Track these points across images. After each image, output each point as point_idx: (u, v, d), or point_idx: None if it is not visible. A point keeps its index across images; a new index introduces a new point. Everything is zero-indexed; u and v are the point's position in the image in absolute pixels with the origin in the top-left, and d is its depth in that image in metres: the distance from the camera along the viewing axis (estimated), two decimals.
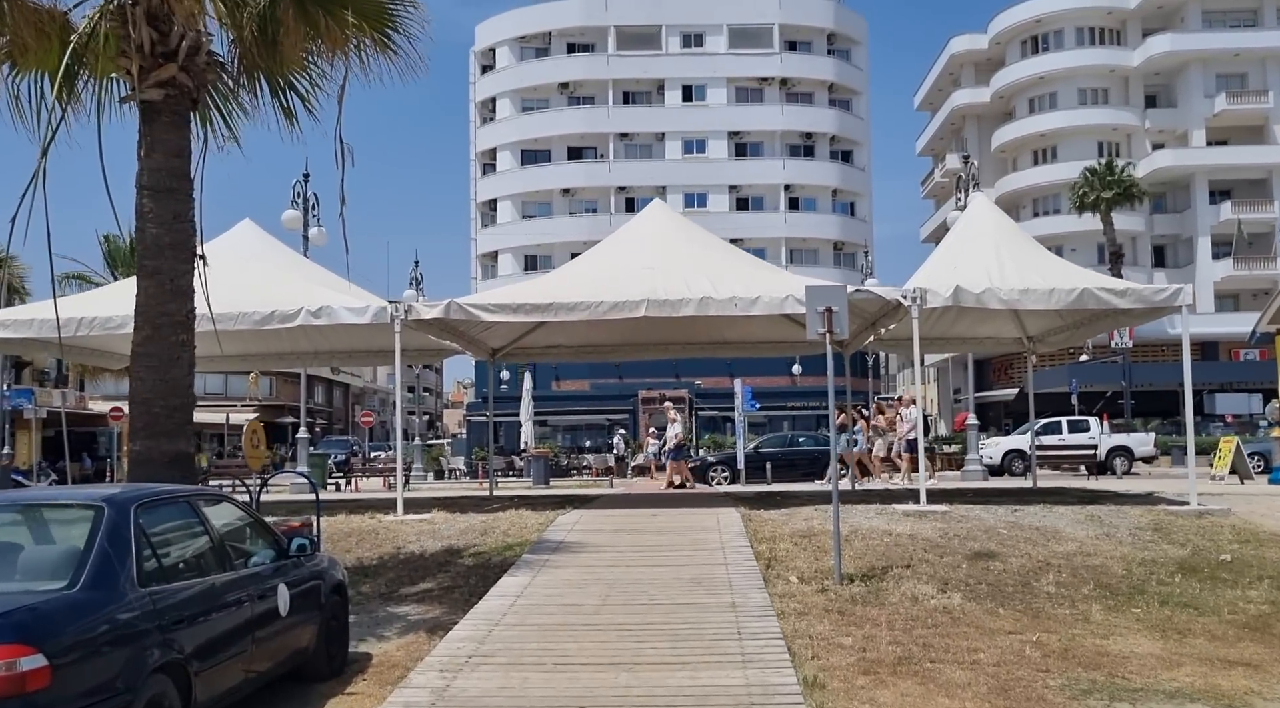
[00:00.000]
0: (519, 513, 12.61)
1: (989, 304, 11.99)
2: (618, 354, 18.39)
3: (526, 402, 33.80)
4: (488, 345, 17.20)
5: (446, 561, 10.48)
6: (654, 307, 12.17)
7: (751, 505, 13.75)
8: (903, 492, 16.16)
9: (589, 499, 15.80)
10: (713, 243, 14.76)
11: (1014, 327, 16.81)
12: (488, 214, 62.35)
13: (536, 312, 12.29)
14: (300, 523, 9.31)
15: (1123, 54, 58.15)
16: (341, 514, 13.13)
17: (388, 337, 16.64)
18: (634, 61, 59.16)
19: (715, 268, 13.23)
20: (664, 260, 13.34)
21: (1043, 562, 9.93)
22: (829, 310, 9.57)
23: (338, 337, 17.06)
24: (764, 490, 17.94)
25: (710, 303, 12.13)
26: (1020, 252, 13.40)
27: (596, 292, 12.45)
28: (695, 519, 11.39)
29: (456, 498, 17.22)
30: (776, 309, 12.09)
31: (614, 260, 13.84)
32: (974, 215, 14.29)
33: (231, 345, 17.15)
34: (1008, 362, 58.80)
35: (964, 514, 11.74)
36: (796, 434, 27.02)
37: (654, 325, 16.44)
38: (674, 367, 49.77)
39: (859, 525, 11.19)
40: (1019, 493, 15.50)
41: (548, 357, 18.15)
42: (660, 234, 14.20)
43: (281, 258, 14.59)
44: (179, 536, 5.07)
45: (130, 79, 8.06)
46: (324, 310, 12.51)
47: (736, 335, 17.61)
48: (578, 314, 12.25)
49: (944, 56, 65.76)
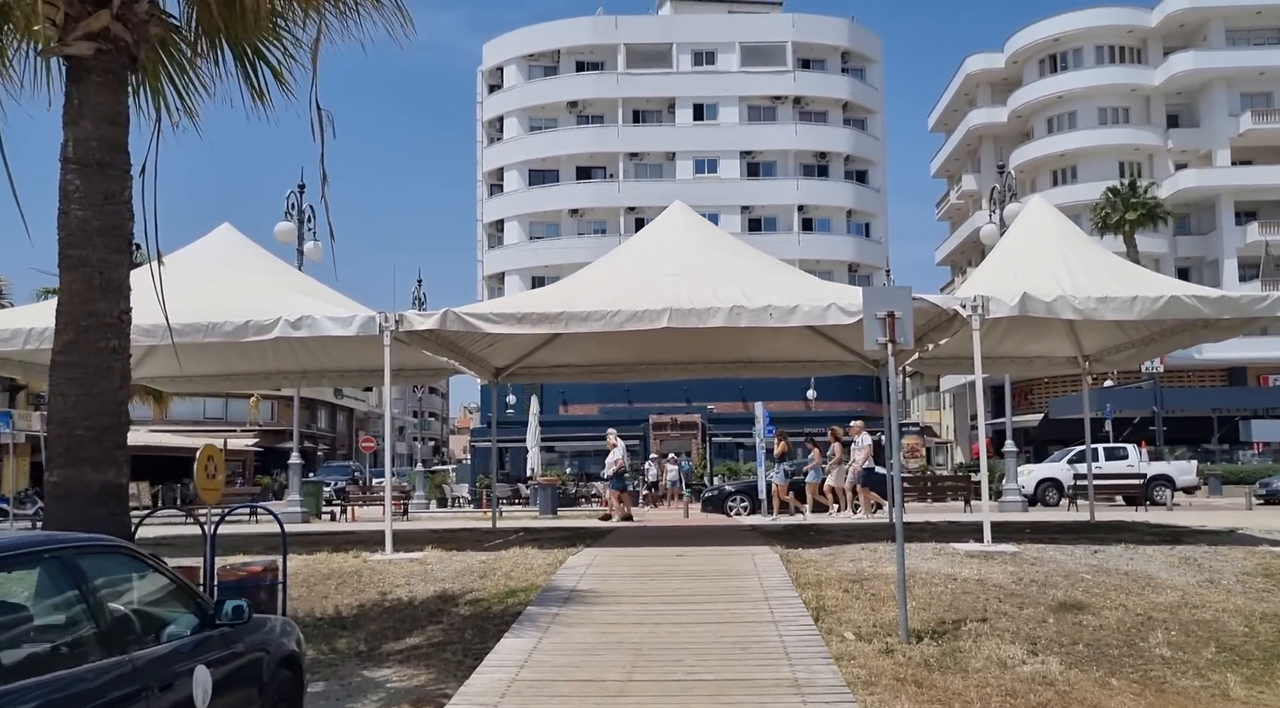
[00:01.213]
0: (524, 551, 11.10)
1: (1061, 314, 10.49)
2: (632, 375, 16.88)
3: (533, 427, 32.25)
4: (491, 364, 15.74)
5: (439, 609, 8.96)
6: (678, 317, 10.71)
7: (785, 542, 12.22)
8: (958, 527, 14.59)
9: (602, 534, 14.27)
10: (741, 249, 13.32)
11: (1069, 343, 15.30)
12: (494, 235, 61.09)
13: (544, 322, 10.83)
14: (263, 568, 7.81)
15: (1144, 73, 56.88)
16: (324, 551, 11.62)
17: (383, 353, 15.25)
18: (644, 80, 58.03)
19: (745, 275, 11.78)
20: (688, 266, 11.90)
21: (1144, 616, 8.37)
22: (891, 316, 8.09)
23: (329, 353, 15.64)
24: (793, 524, 16.38)
25: (742, 313, 10.66)
26: (1089, 257, 11.93)
27: (612, 300, 11.01)
28: (728, 561, 9.85)
29: (455, 531, 15.70)
30: (818, 319, 10.61)
31: (631, 267, 12.40)
32: (1033, 219, 12.82)
33: (209, 363, 15.73)
34: (1028, 387, 57.13)
35: (1036, 555, 10.20)
36: None
37: (674, 341, 14.97)
38: (685, 390, 48.23)
39: (916, 568, 9.65)
40: (1082, 529, 13.92)
41: (556, 377, 16.67)
42: (683, 238, 12.77)
43: (264, 265, 13.16)
44: (38, 611, 3.60)
45: (56, 31, 6.67)
46: (305, 321, 11.07)
47: (763, 353, 16.12)
48: (591, 325, 10.78)
49: (959, 76, 64.59)
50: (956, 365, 17.46)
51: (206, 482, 7.69)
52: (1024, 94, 59.88)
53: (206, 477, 7.70)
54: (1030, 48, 59.48)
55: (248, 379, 16.59)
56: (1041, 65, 59.74)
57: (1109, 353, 14.98)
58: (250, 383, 16.74)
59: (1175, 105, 57.66)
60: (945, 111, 68.18)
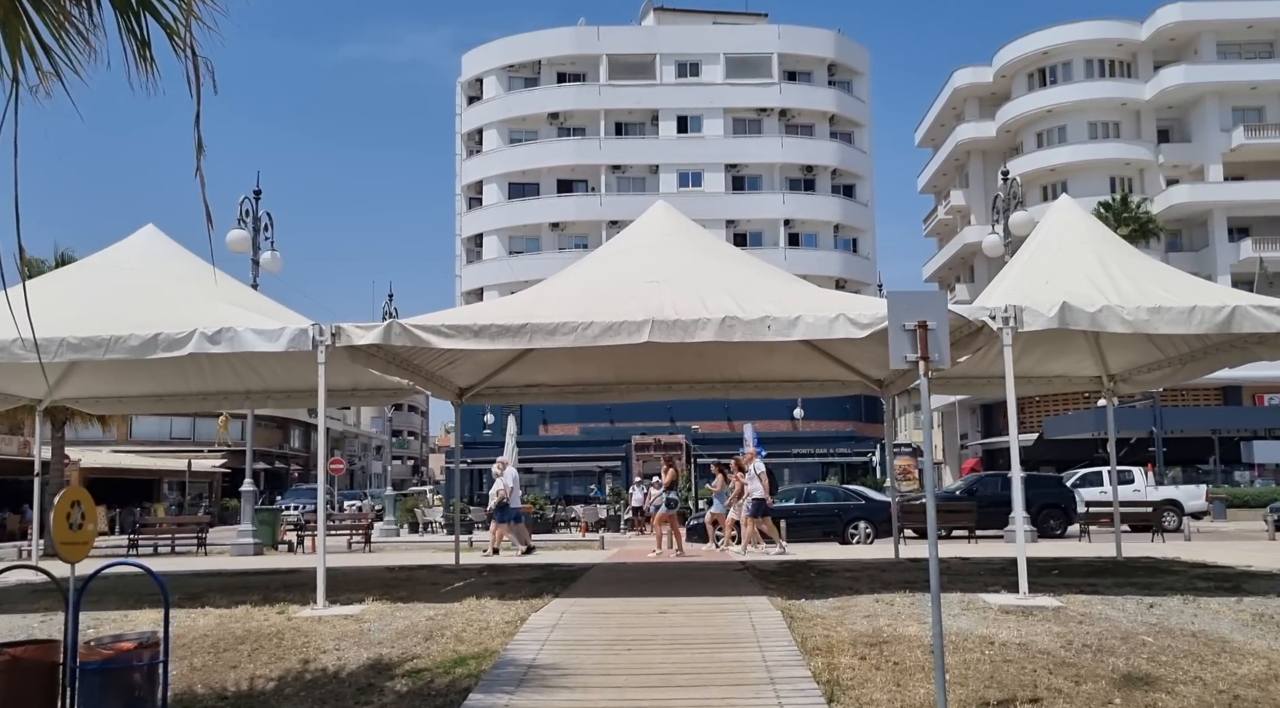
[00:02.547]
0: (481, 604, 9.51)
1: (1108, 326, 9.02)
2: (610, 395, 15.31)
3: (510, 448, 30.51)
4: (453, 383, 14.17)
5: (369, 684, 7.35)
6: (661, 330, 9.19)
7: (784, 589, 10.67)
8: (978, 568, 13.07)
9: (574, 575, 12.69)
10: (732, 253, 11.84)
11: (1093, 362, 13.86)
12: (473, 249, 59.51)
13: (506, 336, 9.26)
14: (137, 644, 6.18)
15: (1134, 87, 56.13)
16: (249, 603, 9.99)
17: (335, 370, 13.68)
18: (627, 91, 56.74)
19: (737, 282, 10.28)
20: (672, 273, 10.40)
21: (1228, 694, 6.85)
22: (923, 328, 6.59)
23: (272, 372, 14.04)
24: (789, 560, 14.82)
25: (736, 325, 9.15)
26: (1129, 261, 10.50)
27: (586, 310, 9.48)
28: (721, 621, 8.27)
29: (412, 570, 14.08)
30: (824, 333, 9.11)
31: (609, 273, 10.89)
32: (1061, 220, 11.38)
33: (140, 382, 14.11)
34: (1019, 405, 55.86)
35: (1082, 610, 8.69)
36: (812, 487, 23.86)
37: (657, 357, 13.45)
38: (668, 410, 46.70)
39: (944, 628, 8.11)
40: (1115, 569, 12.44)
41: (527, 398, 15.09)
42: (667, 241, 11.27)
43: (192, 272, 11.54)
44: None
45: None
46: (225, 335, 9.47)
47: (755, 372, 14.61)
48: (560, 340, 9.23)
49: (947, 90, 63.68)
50: (947, 386, 15.95)
51: (68, 535, 6.08)
52: (1013, 108, 59.03)
53: (69, 529, 6.09)
54: (1019, 61, 58.66)
55: (183, 400, 14.94)
56: (1031, 79, 58.94)
57: (1138, 372, 13.54)
58: (185, 404, 15.08)
59: (1166, 120, 56.90)
60: (932, 126, 67.27)
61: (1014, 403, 9.40)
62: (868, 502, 22.04)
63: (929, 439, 7.45)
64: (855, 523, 21.43)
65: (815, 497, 22.36)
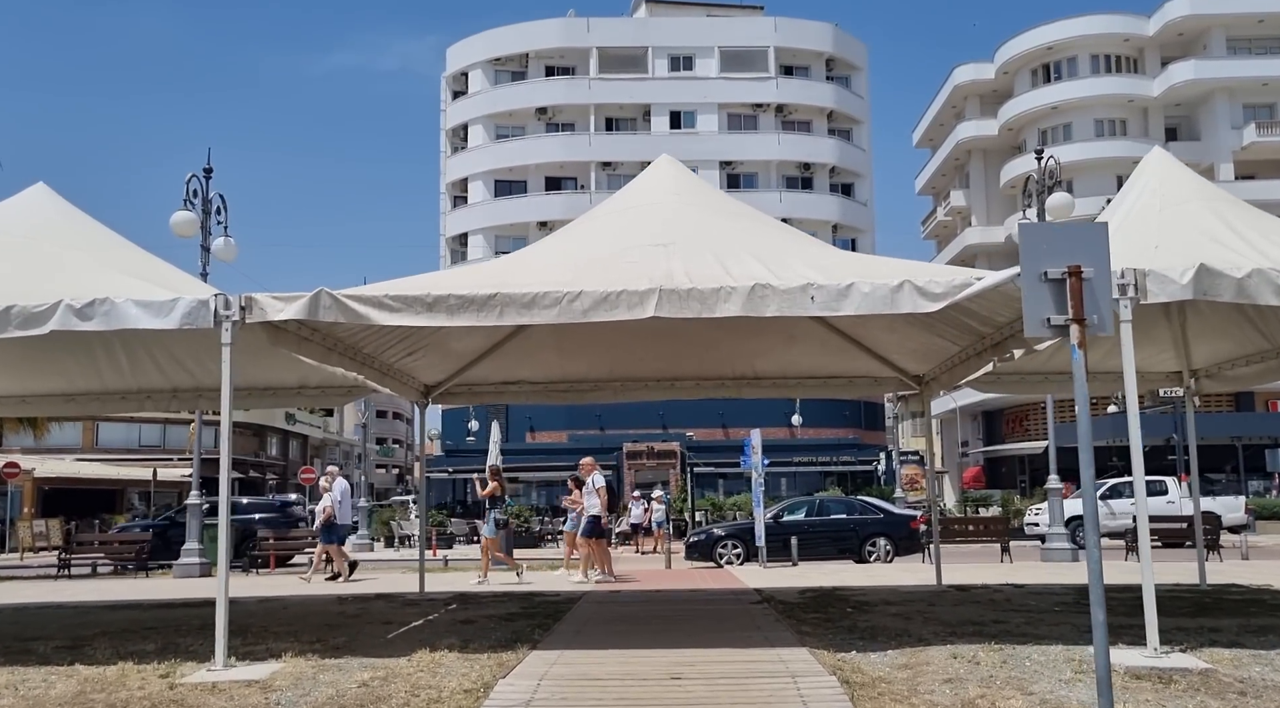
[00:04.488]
0: (436, 659, 7.29)
1: (1260, 297, 6.85)
2: (601, 394, 13.00)
3: (494, 456, 28.21)
4: (417, 380, 11.94)
5: None
6: (671, 302, 7.01)
7: (822, 632, 8.47)
8: (1055, 601, 10.92)
9: (559, 610, 10.47)
10: (755, 215, 9.65)
11: (1173, 355, 11.74)
12: (458, 249, 57.22)
13: (467, 310, 7.03)
14: None
15: (1142, 83, 54.32)
16: (133, 658, 7.77)
17: (276, 363, 11.50)
18: (618, 85, 54.58)
19: (767, 246, 8.10)
20: (684, 234, 8.21)
21: None
22: (1075, 276, 4.42)
23: (203, 366, 11.76)
24: (813, 589, 12.60)
25: (769, 296, 6.97)
26: (1258, 221, 8.37)
27: (574, 279, 7.28)
28: (757, 692, 6.04)
29: (366, 602, 11.82)
30: (884, 306, 6.92)
31: (603, 237, 8.69)
32: (1158, 177, 9.22)
33: (44, 378, 11.85)
34: (1024, 411, 53.82)
35: (1237, 674, 6.51)
36: (826, 499, 21.65)
37: (658, 349, 11.28)
38: (660, 415, 44.47)
39: (1057, 701, 5.93)
40: (1211, 604, 10.28)
41: (505, 397, 12.82)
42: (675, 199, 9.08)
43: (88, 239, 9.30)
44: None
45: None
46: (98, 308, 7.23)
47: (773, 367, 12.43)
48: (540, 314, 7.02)
49: (947, 88, 61.78)
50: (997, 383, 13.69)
51: None
52: (1016, 105, 57.15)
53: None
54: (1022, 57, 56.81)
55: (99, 401, 12.64)
56: (1034, 75, 57.09)
57: (1230, 366, 11.42)
58: (103, 406, 12.76)
59: (1175, 117, 55.11)
60: (931, 125, 65.37)
61: (1134, 400, 7.21)
62: (886, 516, 19.88)
63: (1088, 456, 5.29)
64: (873, 540, 19.26)
65: (828, 510, 20.17)
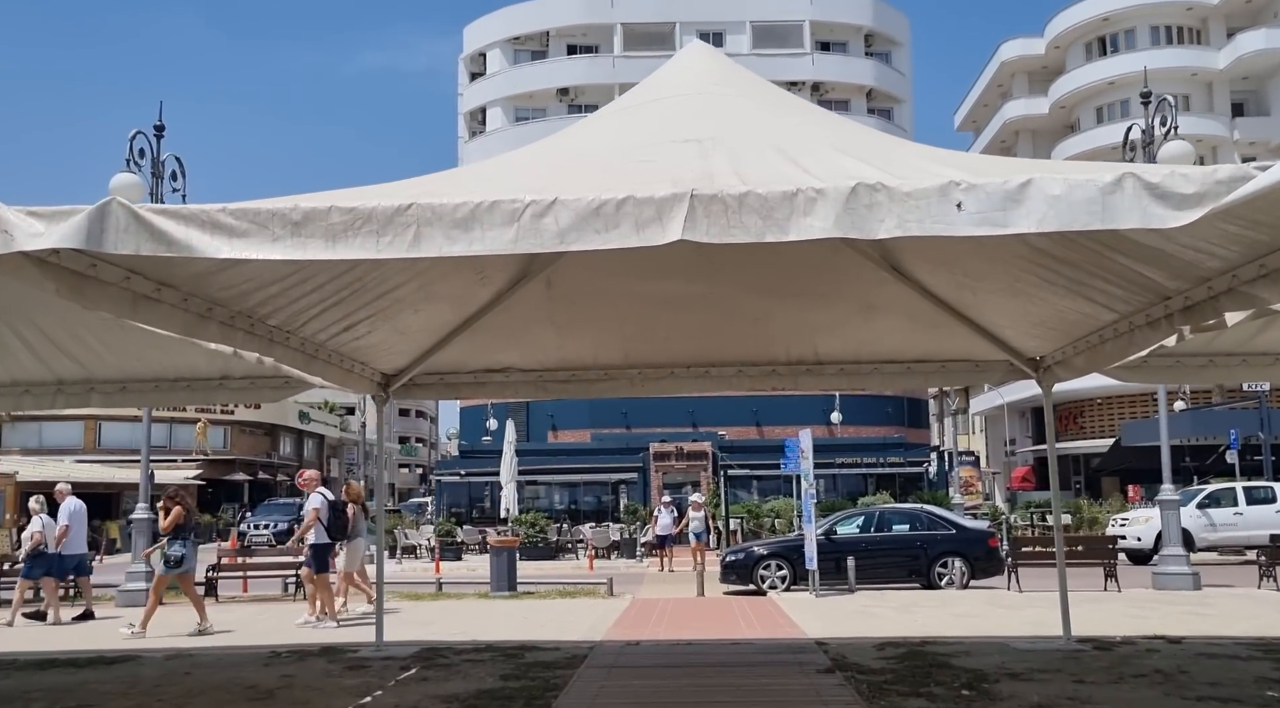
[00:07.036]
0: None
1: None
2: (613, 386, 9.84)
3: (509, 457, 25.23)
4: (370, 367, 8.98)
5: None
6: (709, 214, 3.96)
7: None
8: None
9: (557, 679, 7.51)
10: (819, 114, 6.60)
11: None
12: None
13: (358, 232, 4.00)
14: None
15: (1206, 55, 50.61)
16: None
17: (180, 347, 8.42)
18: (643, 63, 51.32)
19: (852, 141, 5.07)
20: (726, 129, 5.20)
21: None
22: None
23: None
24: (893, 641, 9.50)
25: (880, 202, 3.94)
26: None
27: (548, 184, 4.24)
28: None
29: (302, 659, 8.86)
30: (1091, 219, 3.86)
31: (609, 137, 5.69)
32: None
33: None
34: (1079, 407, 50.22)
35: None
36: (886, 511, 18.42)
37: (692, 317, 8.29)
38: (690, 413, 41.37)
39: None
40: None
41: (485, 389, 9.78)
42: (714, 88, 6.07)
43: None
44: None
45: None
46: None
47: (839, 349, 9.37)
48: (485, 239, 3.97)
49: (992, 65, 58.30)
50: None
51: None
52: (1068, 82, 53.62)
53: None
54: (1074, 30, 53.27)
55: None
56: (1088, 49, 53.51)
57: None
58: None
59: (1242, 92, 51.37)
60: (975, 106, 61.94)
61: None
62: (959, 531, 16.71)
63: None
64: (945, 560, 16.12)
65: (888, 523, 17.06)
